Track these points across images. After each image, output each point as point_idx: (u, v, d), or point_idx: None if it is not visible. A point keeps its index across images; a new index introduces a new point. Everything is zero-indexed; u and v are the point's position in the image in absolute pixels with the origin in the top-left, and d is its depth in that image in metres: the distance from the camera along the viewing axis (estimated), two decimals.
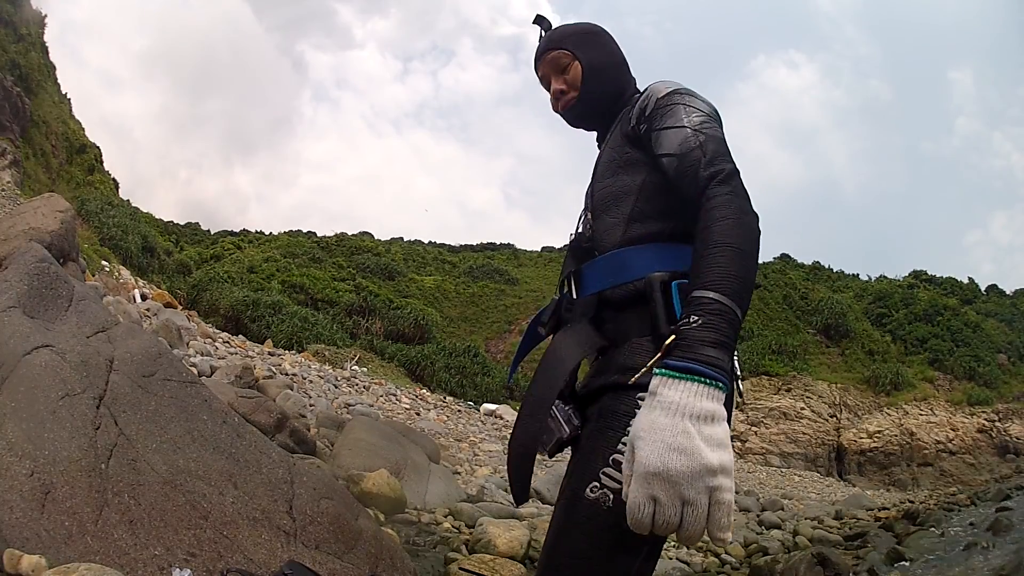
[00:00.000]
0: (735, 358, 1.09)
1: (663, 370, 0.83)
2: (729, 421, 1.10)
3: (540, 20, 1.36)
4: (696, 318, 0.86)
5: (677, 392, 0.80)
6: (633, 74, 1.32)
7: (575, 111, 1.29)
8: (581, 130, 1.34)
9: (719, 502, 0.77)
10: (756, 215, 0.98)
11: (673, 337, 0.87)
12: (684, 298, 0.97)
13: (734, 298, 0.87)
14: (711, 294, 0.87)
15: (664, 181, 1.09)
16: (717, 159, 1.02)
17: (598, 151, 1.29)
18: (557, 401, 1.11)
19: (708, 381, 0.80)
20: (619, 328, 1.10)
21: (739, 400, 1.14)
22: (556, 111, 1.32)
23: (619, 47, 1.32)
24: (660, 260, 1.07)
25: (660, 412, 0.79)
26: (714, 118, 1.09)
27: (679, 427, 0.77)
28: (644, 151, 1.13)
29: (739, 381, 1.10)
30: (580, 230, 1.24)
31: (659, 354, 0.88)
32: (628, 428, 0.97)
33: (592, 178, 1.24)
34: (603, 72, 1.27)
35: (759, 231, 0.97)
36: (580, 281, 1.18)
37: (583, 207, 1.26)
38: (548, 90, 1.32)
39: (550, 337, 1.23)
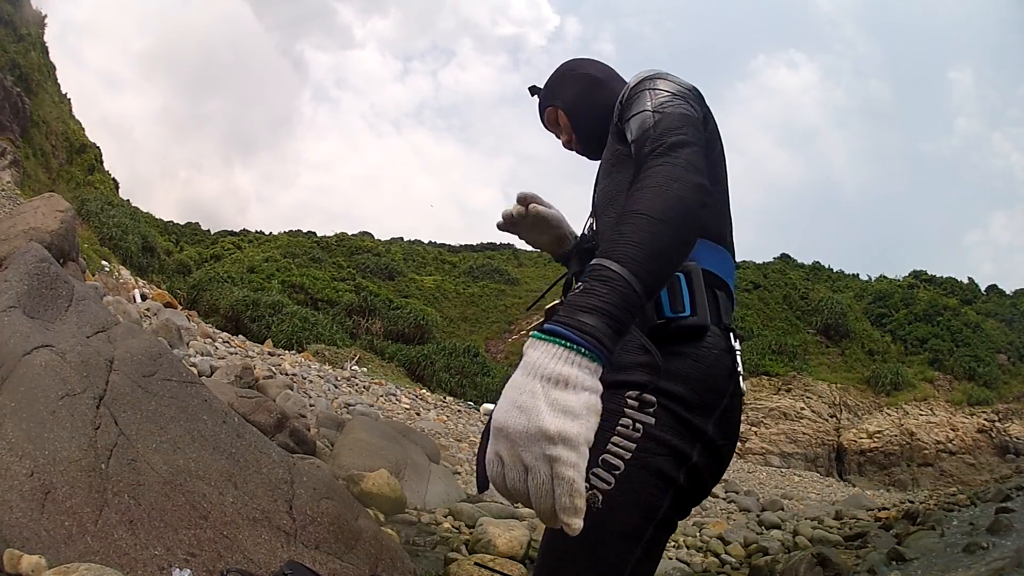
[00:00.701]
0: (737, 352, 1.05)
1: (535, 332, 0.79)
2: (736, 420, 1.05)
3: (533, 90, 1.43)
4: (580, 284, 0.81)
5: (537, 352, 0.75)
6: (625, 80, 1.33)
7: (583, 149, 1.35)
8: None
9: (559, 476, 0.70)
10: (693, 182, 0.90)
11: (557, 302, 0.85)
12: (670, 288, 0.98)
13: (628, 266, 0.81)
14: (602, 261, 0.82)
15: None
16: (665, 133, 0.97)
17: None
18: None
19: (569, 344, 0.75)
20: None
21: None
22: (583, 155, 1.39)
23: (593, 68, 1.35)
24: None
25: (519, 371, 0.75)
26: (681, 96, 1.05)
27: (528, 386, 0.73)
28: (628, 144, 1.11)
29: (741, 379, 1.06)
30: (584, 232, 1.25)
31: (542, 320, 0.84)
32: (617, 427, 0.96)
33: (595, 182, 1.26)
34: (583, 104, 1.32)
35: (692, 201, 0.89)
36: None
37: (589, 212, 1.27)
38: None
39: None
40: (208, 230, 39.43)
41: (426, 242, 43.08)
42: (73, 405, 2.38)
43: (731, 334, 1.06)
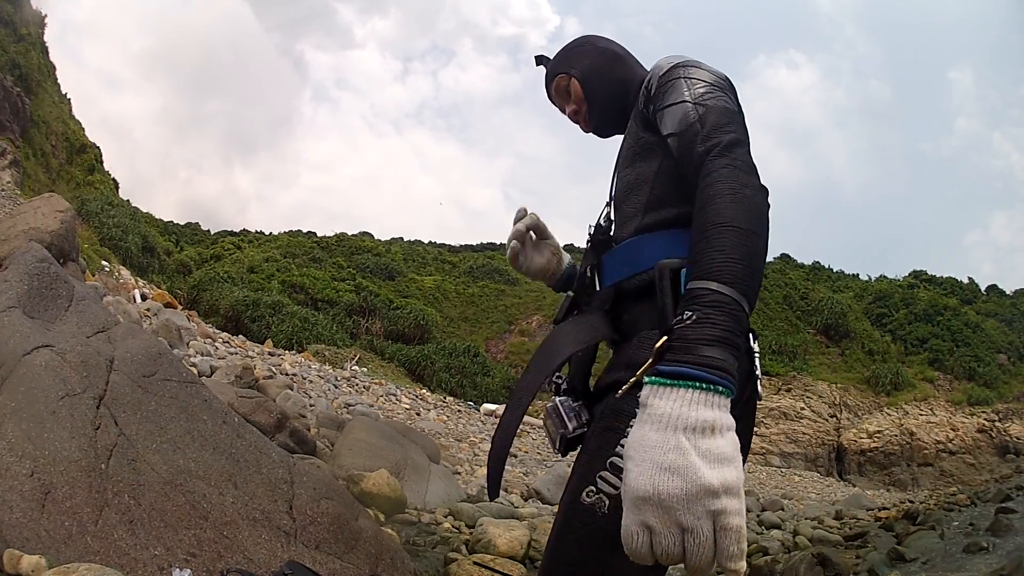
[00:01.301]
0: (756, 354, 1.02)
1: (653, 377, 0.73)
2: (750, 425, 1.03)
3: (540, 60, 1.36)
4: (691, 313, 0.76)
5: (668, 402, 0.70)
6: (642, 63, 1.29)
7: (594, 120, 1.28)
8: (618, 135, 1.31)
9: (725, 528, 0.66)
10: (762, 189, 0.89)
11: (665, 338, 0.77)
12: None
13: (736, 286, 0.78)
14: (708, 284, 0.78)
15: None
16: (716, 130, 0.94)
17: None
18: (565, 398, 1.07)
19: (705, 386, 0.70)
20: (632, 320, 1.05)
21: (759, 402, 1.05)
22: (587, 132, 1.32)
23: (612, 44, 1.30)
24: (673, 247, 1.00)
25: (650, 426, 0.70)
26: (719, 87, 1.02)
27: (671, 443, 0.68)
28: (657, 133, 1.07)
29: (759, 382, 1.03)
30: (600, 222, 1.20)
31: (650, 360, 0.77)
32: (627, 430, 0.94)
33: (614, 170, 1.21)
34: (598, 74, 1.25)
35: (765, 206, 0.88)
36: (600, 273, 1.15)
37: (606, 201, 1.23)
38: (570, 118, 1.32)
39: None
40: (208, 230, 39.53)
41: (426, 242, 43.20)
42: (73, 405, 2.38)
43: (751, 335, 1.04)
